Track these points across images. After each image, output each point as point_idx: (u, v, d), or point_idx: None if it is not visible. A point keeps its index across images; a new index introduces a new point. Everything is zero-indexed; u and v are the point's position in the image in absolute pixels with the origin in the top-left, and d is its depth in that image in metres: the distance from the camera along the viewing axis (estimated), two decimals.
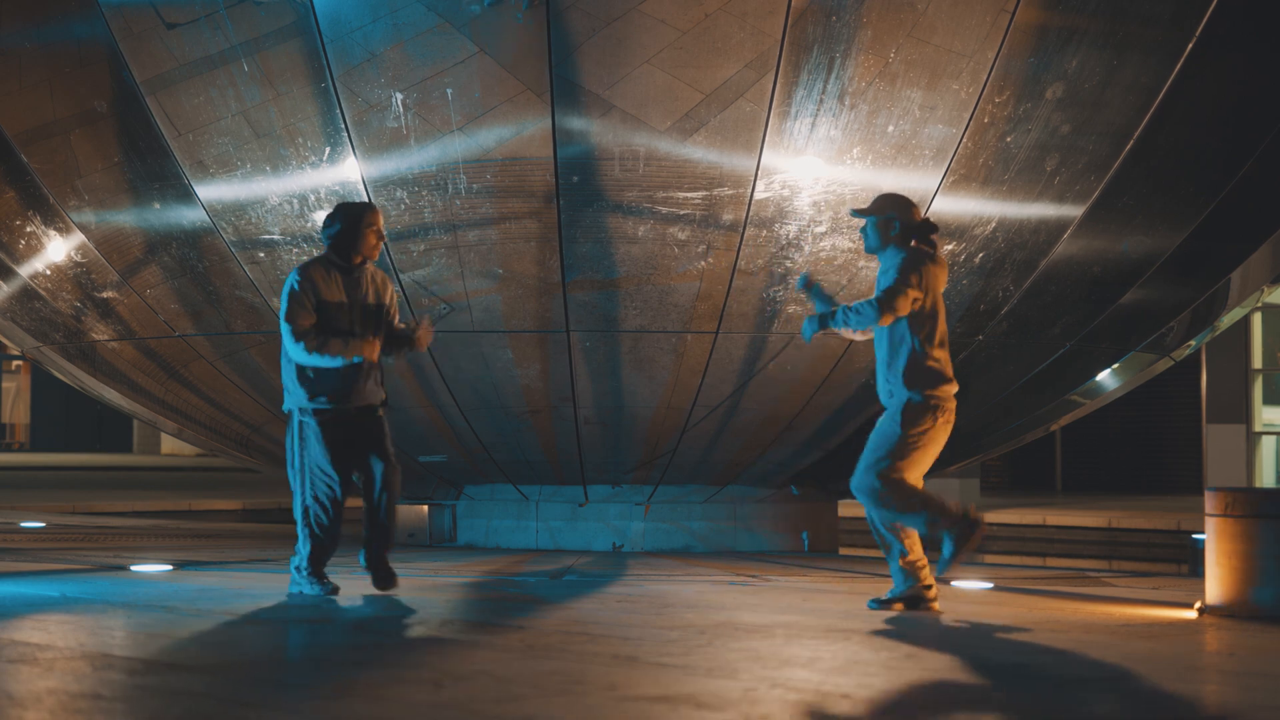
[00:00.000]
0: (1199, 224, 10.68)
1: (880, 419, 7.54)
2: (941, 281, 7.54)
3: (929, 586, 7.44)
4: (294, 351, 7.62)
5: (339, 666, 5.62)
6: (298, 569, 7.76)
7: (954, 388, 7.52)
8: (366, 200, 8.04)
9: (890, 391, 7.48)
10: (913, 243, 7.51)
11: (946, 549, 7.35)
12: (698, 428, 10.65)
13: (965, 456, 13.00)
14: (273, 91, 9.53)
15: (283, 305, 7.63)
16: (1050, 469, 26.40)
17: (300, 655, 5.94)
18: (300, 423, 7.72)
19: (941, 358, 7.48)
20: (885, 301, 7.38)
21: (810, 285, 7.80)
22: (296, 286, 7.62)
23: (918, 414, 7.40)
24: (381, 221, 7.82)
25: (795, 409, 10.64)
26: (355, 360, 7.63)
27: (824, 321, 7.57)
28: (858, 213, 7.62)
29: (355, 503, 8.12)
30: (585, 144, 9.42)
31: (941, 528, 7.34)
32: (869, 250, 7.63)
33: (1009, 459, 26.17)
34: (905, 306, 7.38)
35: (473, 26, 9.18)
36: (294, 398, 7.75)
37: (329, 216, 7.81)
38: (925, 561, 7.50)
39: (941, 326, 7.52)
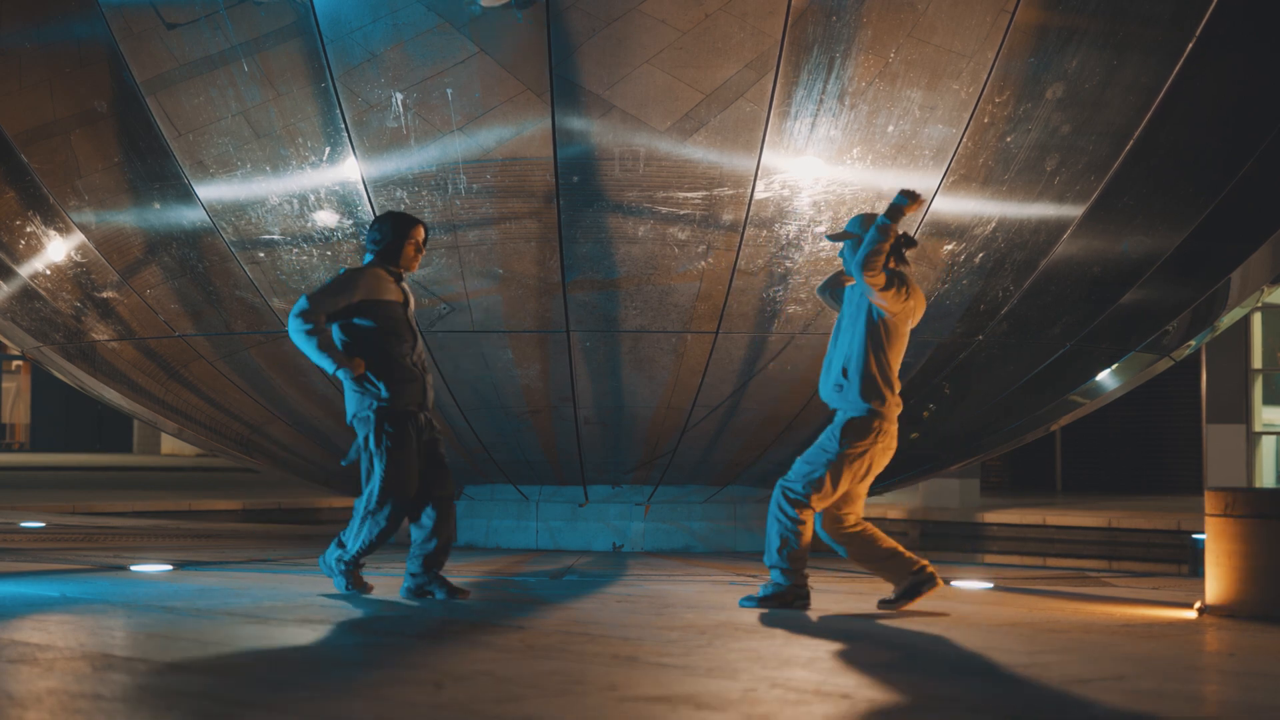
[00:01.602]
0: (1199, 224, 10.68)
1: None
2: (914, 309, 7.52)
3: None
4: (292, 324, 7.68)
5: (339, 666, 5.62)
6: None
7: (899, 407, 7.55)
8: (411, 215, 8.15)
9: (837, 397, 7.51)
10: (890, 263, 7.55)
11: (765, 590, 7.44)
12: (698, 428, 10.65)
13: (965, 456, 13.00)
14: (273, 91, 9.53)
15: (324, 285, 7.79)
16: (1050, 469, 26.40)
17: (300, 655, 5.94)
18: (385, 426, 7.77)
19: (894, 376, 7.51)
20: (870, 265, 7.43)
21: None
22: (346, 276, 7.78)
23: (862, 429, 7.44)
24: (422, 235, 7.94)
25: (795, 409, 10.64)
26: (339, 374, 7.69)
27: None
28: (834, 238, 7.70)
29: (351, 502, 8.12)
30: (585, 144, 9.42)
31: (783, 574, 7.37)
32: (848, 272, 7.65)
33: (1009, 459, 26.18)
34: (886, 285, 7.38)
35: (473, 26, 9.18)
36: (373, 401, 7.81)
37: (373, 223, 8.02)
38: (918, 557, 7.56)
39: (900, 346, 7.52)
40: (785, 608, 7.38)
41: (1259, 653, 6.34)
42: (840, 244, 7.77)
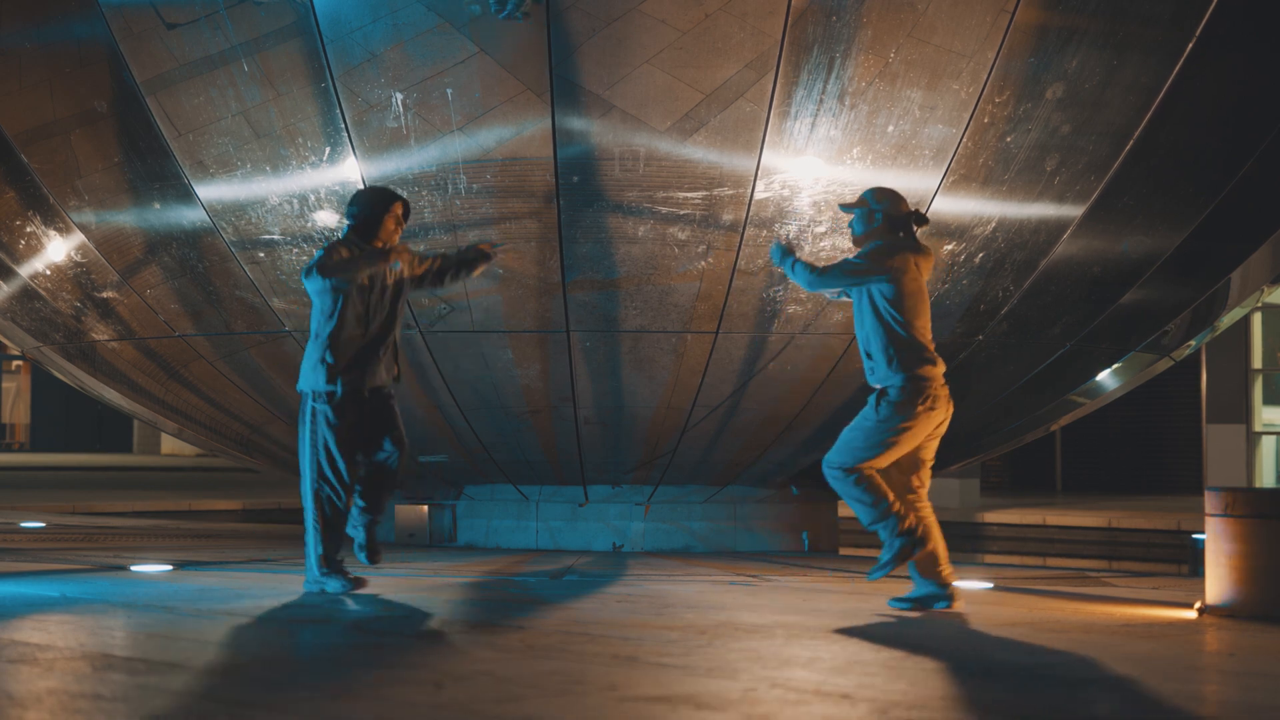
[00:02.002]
0: (1199, 224, 10.68)
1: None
2: (924, 269, 7.58)
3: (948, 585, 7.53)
4: (311, 277, 7.69)
5: (339, 666, 5.62)
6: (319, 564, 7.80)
7: (940, 368, 7.57)
8: (391, 190, 8.12)
9: (872, 371, 7.54)
10: (900, 235, 7.59)
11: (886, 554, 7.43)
12: (698, 428, 10.65)
13: (965, 456, 13.00)
14: (273, 91, 9.53)
15: (313, 259, 7.76)
16: (1050, 469, 26.40)
17: (300, 655, 5.94)
18: (312, 408, 7.74)
19: (923, 339, 7.53)
20: (830, 268, 7.52)
21: (786, 254, 7.80)
22: (326, 248, 7.82)
23: (901, 397, 7.45)
24: (400, 210, 7.93)
25: (795, 409, 10.64)
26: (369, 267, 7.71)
27: (786, 257, 7.66)
28: (845, 207, 7.74)
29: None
30: (585, 144, 9.42)
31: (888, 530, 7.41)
32: (855, 242, 7.70)
33: (1009, 459, 26.17)
34: (862, 270, 7.45)
35: (473, 26, 9.18)
36: (307, 380, 7.77)
37: (352, 198, 7.99)
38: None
39: (925, 313, 7.56)
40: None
41: (1259, 653, 6.34)
42: (852, 213, 7.77)
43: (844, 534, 12.64)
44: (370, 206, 7.93)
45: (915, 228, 7.68)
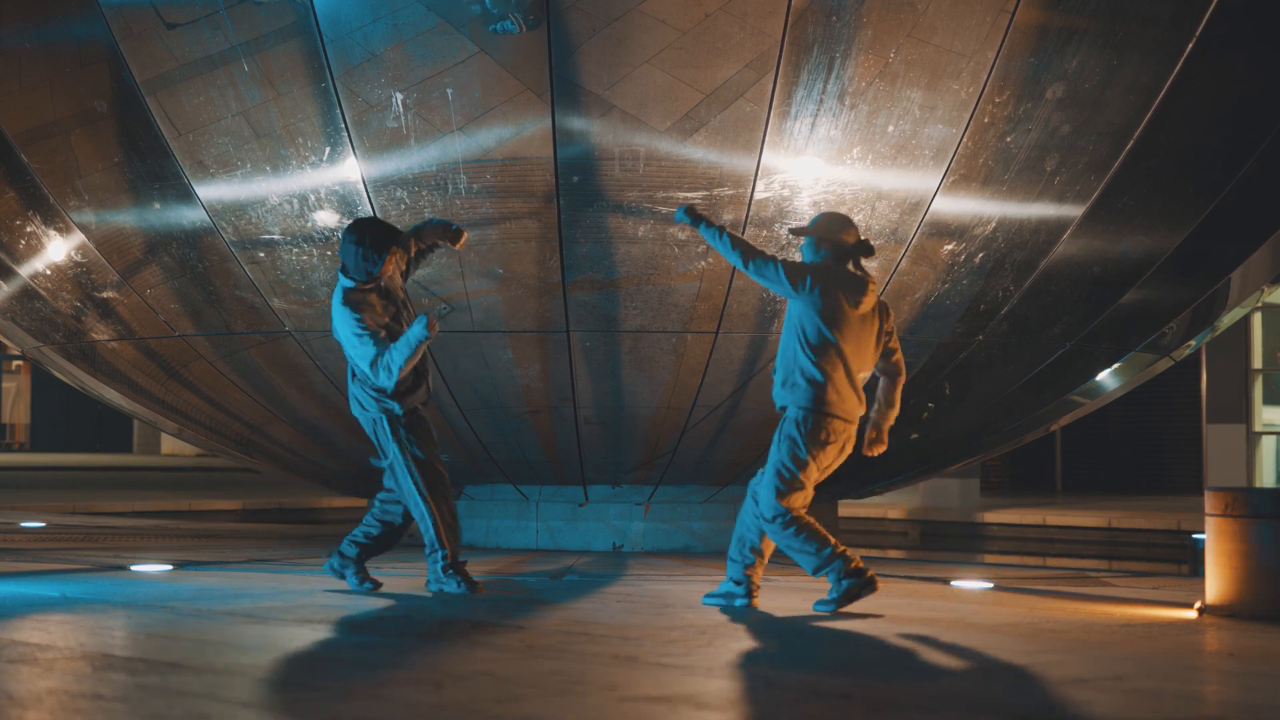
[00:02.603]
0: (1199, 224, 10.68)
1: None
2: (847, 306, 7.49)
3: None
4: (385, 380, 7.88)
5: (339, 666, 5.62)
6: (443, 569, 8.00)
7: (849, 407, 7.50)
8: (368, 217, 8.24)
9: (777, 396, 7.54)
10: (849, 266, 7.58)
11: (833, 592, 7.40)
12: (698, 428, 10.65)
13: (965, 456, 13.00)
14: (273, 91, 9.53)
15: (353, 340, 7.87)
16: (1050, 469, 26.40)
17: (300, 655, 5.94)
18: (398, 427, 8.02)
19: (832, 376, 7.44)
20: (753, 251, 7.54)
21: (693, 216, 7.80)
22: (363, 321, 7.96)
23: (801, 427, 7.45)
24: (400, 250, 8.06)
25: None
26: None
27: (698, 220, 7.65)
28: (795, 231, 7.74)
29: (351, 502, 8.11)
30: (585, 144, 9.42)
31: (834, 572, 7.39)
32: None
33: (1009, 459, 26.17)
34: (769, 271, 7.48)
35: (473, 26, 9.18)
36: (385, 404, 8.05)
37: (351, 231, 8.05)
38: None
39: (838, 345, 7.47)
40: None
41: (1259, 653, 6.34)
42: (800, 239, 7.79)
43: (844, 534, 12.64)
44: (371, 243, 8.02)
45: (863, 259, 7.67)
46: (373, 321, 7.94)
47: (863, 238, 7.80)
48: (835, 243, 7.63)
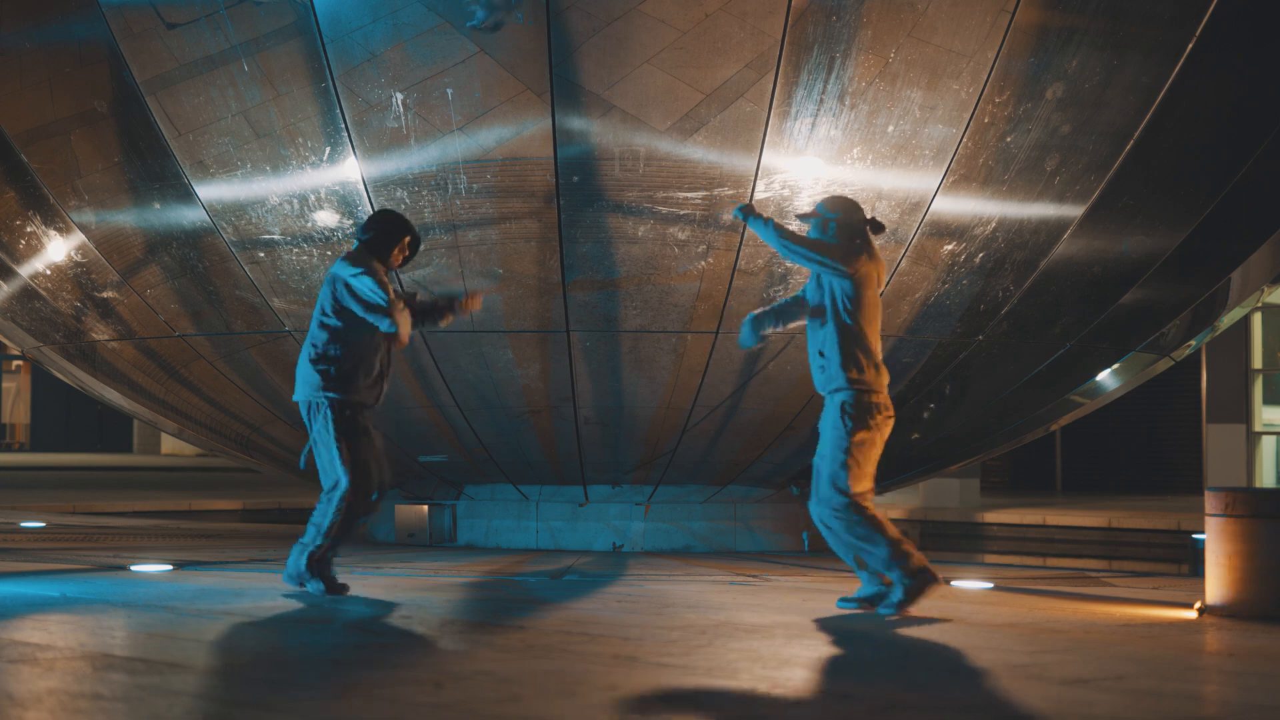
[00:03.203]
0: (1199, 224, 10.68)
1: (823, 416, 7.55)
2: (874, 276, 7.51)
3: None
4: (385, 325, 7.74)
5: (339, 666, 5.62)
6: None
7: (885, 378, 7.51)
8: (398, 215, 8.17)
9: (827, 381, 7.49)
10: (857, 242, 7.54)
11: (896, 594, 7.35)
12: (698, 428, 10.65)
13: (965, 456, 13.00)
14: (273, 91, 9.53)
15: (366, 286, 7.74)
16: (1050, 469, 26.40)
17: (300, 655, 5.94)
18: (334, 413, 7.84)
19: (874, 348, 7.47)
20: (802, 239, 7.47)
21: (749, 213, 7.76)
22: (370, 272, 7.81)
23: (857, 410, 7.42)
24: (409, 241, 7.97)
25: (795, 409, 10.64)
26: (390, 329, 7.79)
27: (754, 214, 7.63)
28: (802, 217, 7.70)
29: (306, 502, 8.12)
30: (585, 144, 9.42)
31: (899, 570, 7.34)
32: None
33: (1009, 459, 26.17)
34: (842, 257, 7.41)
35: (471, 28, 9.18)
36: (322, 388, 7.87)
37: (369, 221, 8.01)
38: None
39: (876, 320, 7.49)
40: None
41: (1259, 653, 6.34)
42: (808, 224, 7.74)
43: None
44: (388, 233, 7.96)
45: (872, 235, 7.61)
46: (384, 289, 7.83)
47: (874, 217, 7.80)
48: (843, 222, 7.56)
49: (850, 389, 7.40)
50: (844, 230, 7.52)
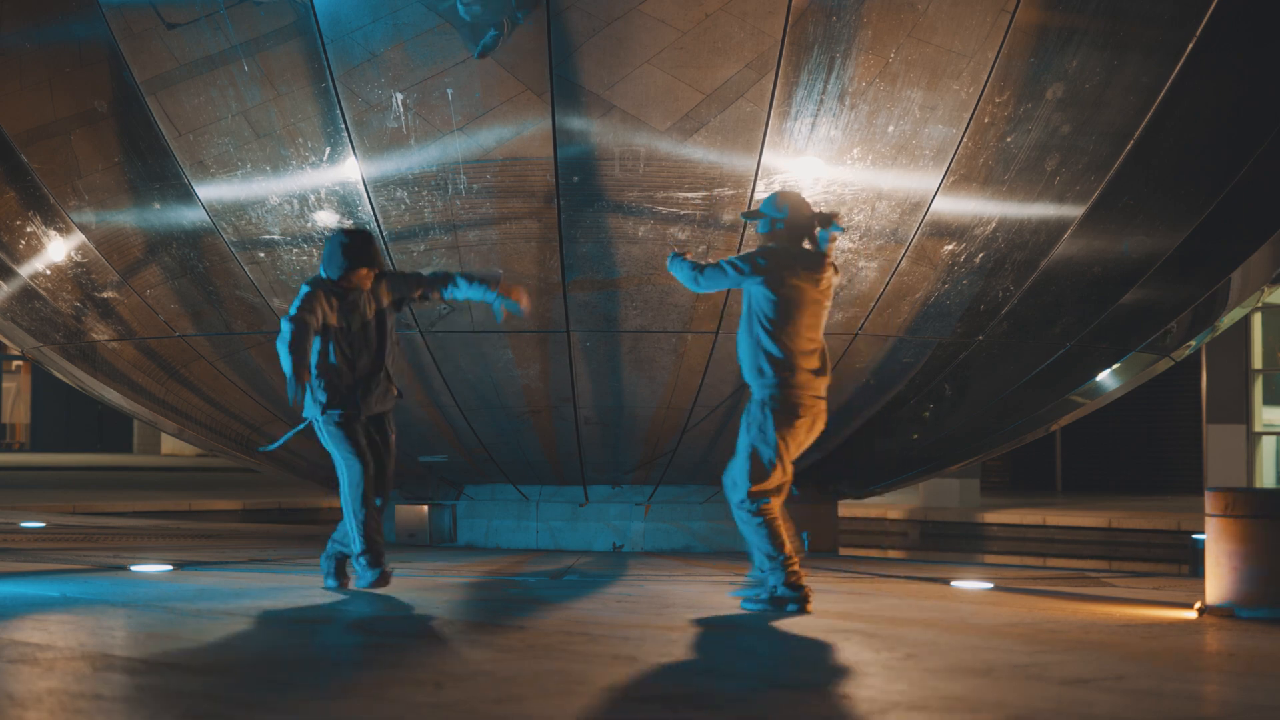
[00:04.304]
0: (1199, 224, 10.68)
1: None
2: (804, 280, 7.44)
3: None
4: (283, 332, 7.87)
5: (339, 666, 5.62)
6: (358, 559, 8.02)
7: (810, 377, 7.47)
8: (362, 228, 8.22)
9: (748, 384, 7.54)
10: (804, 242, 7.50)
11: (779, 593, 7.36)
12: (698, 428, 10.65)
13: (965, 456, 13.00)
14: (273, 91, 9.53)
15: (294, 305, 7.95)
16: (1050, 469, 26.40)
17: (300, 655, 5.94)
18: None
19: (790, 349, 7.43)
20: (700, 266, 7.52)
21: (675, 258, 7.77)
22: (309, 291, 7.97)
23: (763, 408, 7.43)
24: (374, 251, 7.98)
25: None
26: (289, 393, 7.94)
27: (675, 259, 7.67)
28: (747, 216, 7.70)
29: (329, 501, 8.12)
30: (585, 144, 9.42)
31: (778, 573, 7.33)
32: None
33: (1009, 459, 26.17)
34: (712, 280, 7.46)
35: (473, 27, 9.18)
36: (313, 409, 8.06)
37: (329, 241, 8.06)
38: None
39: (797, 322, 7.44)
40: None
41: (1259, 653, 6.34)
42: (755, 222, 7.71)
43: (844, 534, 12.65)
44: (341, 252, 7.98)
45: (834, 234, 7.53)
46: (305, 308, 7.91)
47: (823, 211, 7.75)
48: (790, 221, 7.53)
49: (761, 388, 7.48)
50: (789, 230, 7.51)
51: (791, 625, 6.82)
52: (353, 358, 8.01)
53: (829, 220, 7.52)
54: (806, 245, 7.54)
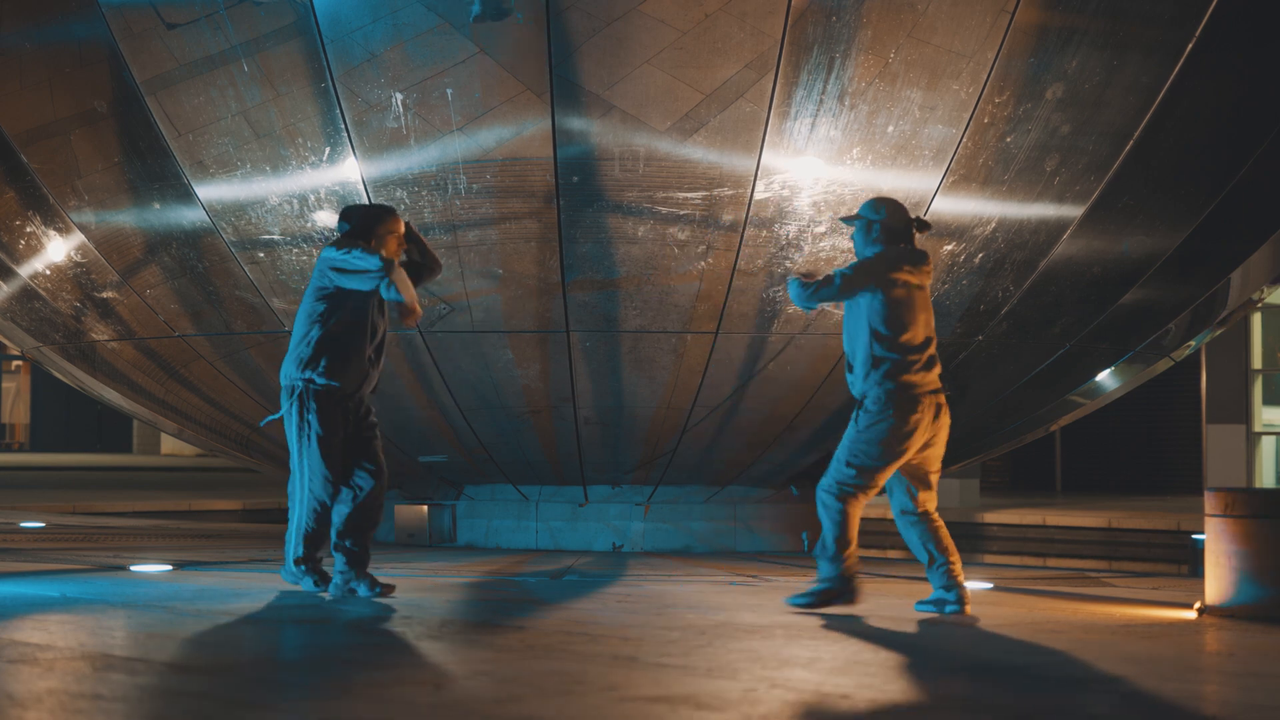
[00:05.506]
0: (1199, 224, 10.68)
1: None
2: (921, 278, 7.50)
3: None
4: (385, 286, 7.57)
5: (339, 666, 5.62)
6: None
7: (920, 378, 7.51)
8: (383, 204, 8.07)
9: (854, 384, 7.53)
10: (902, 245, 7.52)
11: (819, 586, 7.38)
12: (698, 428, 10.65)
13: (965, 456, 13.00)
14: (273, 91, 9.53)
15: (354, 254, 7.60)
16: (1050, 469, 26.40)
17: (300, 655, 5.94)
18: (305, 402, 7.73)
19: (909, 353, 7.47)
20: (816, 287, 7.48)
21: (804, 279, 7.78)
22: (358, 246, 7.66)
23: (879, 407, 7.44)
24: (402, 227, 7.87)
25: (795, 409, 10.64)
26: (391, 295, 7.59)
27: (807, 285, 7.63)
28: (847, 220, 7.70)
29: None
30: (585, 144, 9.42)
31: (833, 567, 7.35)
32: (858, 254, 7.64)
33: (1009, 459, 26.17)
34: (836, 294, 7.43)
35: (473, 26, 9.18)
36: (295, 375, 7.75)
37: (345, 212, 7.89)
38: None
39: (918, 323, 7.48)
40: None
41: (1259, 653, 6.34)
42: (852, 226, 7.73)
43: None
44: (362, 223, 7.83)
45: (917, 234, 7.62)
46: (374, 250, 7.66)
47: (918, 216, 7.83)
48: (887, 225, 7.55)
49: (876, 388, 7.50)
50: (887, 234, 7.53)
51: (792, 625, 6.82)
52: (376, 326, 7.76)
53: (925, 225, 7.60)
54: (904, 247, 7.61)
